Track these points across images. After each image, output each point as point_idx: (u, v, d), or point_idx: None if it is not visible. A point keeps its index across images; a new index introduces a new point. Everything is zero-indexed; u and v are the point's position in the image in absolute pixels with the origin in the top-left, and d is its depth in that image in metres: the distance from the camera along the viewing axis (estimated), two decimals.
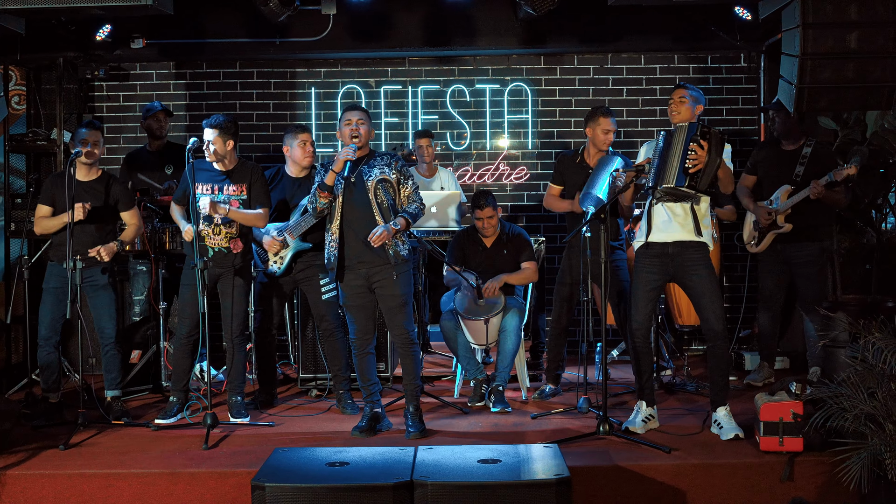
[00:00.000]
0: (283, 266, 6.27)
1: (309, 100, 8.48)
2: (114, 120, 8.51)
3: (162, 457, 5.20)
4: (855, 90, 5.21)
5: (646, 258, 5.52)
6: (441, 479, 4.23)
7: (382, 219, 5.54)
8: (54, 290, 6.03)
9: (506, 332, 6.33)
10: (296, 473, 4.33)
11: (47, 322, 6.08)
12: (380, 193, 5.57)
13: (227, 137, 5.91)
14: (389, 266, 5.54)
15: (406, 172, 5.70)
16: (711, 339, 5.44)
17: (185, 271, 6.08)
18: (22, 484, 4.90)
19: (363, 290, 5.62)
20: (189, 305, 6.00)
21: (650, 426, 5.58)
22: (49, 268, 6.13)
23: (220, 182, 5.96)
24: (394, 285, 5.55)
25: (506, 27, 8.18)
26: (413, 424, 5.62)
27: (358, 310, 5.66)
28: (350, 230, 5.57)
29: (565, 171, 6.54)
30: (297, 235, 6.24)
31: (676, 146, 5.24)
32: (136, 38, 8.03)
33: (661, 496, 4.89)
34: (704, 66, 8.48)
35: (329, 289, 6.31)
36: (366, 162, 5.65)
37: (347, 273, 5.60)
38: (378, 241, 5.45)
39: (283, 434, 5.70)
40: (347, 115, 5.66)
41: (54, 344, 6.11)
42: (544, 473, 4.28)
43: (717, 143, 5.23)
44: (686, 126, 5.28)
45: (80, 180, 6.03)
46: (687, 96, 5.48)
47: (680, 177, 5.19)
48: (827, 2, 5.07)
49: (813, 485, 4.91)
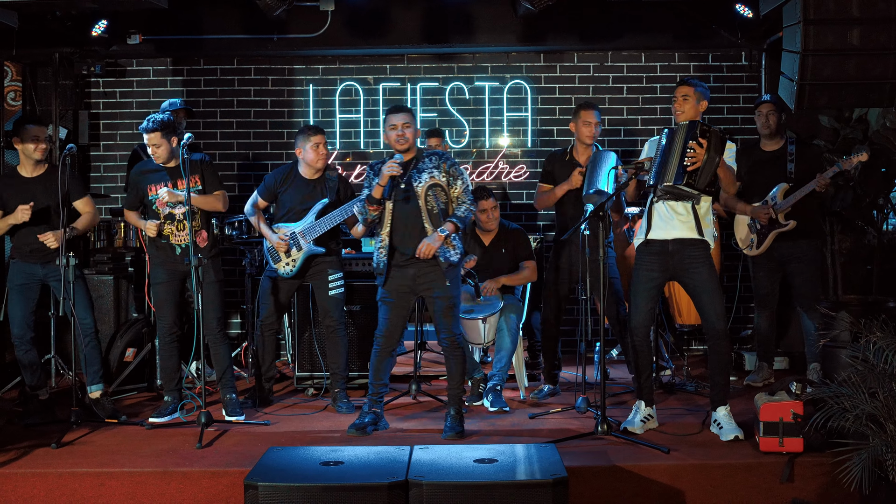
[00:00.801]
0: (296, 269, 6.20)
1: (307, 97, 8.42)
2: (110, 116, 8.45)
3: (154, 456, 5.14)
4: (856, 87, 5.15)
5: (646, 255, 5.46)
6: (436, 478, 4.17)
7: (431, 225, 5.43)
8: (20, 286, 5.99)
9: (503, 332, 6.28)
10: (289, 473, 4.27)
11: (19, 320, 6.02)
12: (430, 199, 5.46)
13: (169, 136, 5.82)
14: (439, 270, 5.45)
15: (455, 172, 5.55)
16: (712, 337, 5.39)
17: (155, 270, 6.01)
18: (12, 482, 4.84)
19: (405, 291, 5.53)
20: (164, 304, 5.96)
21: (649, 426, 5.53)
22: (12, 266, 6.08)
23: (174, 178, 5.88)
24: (442, 290, 5.47)
25: (505, 24, 8.14)
26: (452, 426, 5.50)
27: (393, 308, 5.54)
28: (399, 236, 5.48)
29: (554, 168, 6.47)
30: (311, 240, 6.17)
31: (677, 144, 5.18)
32: (132, 33, 7.98)
33: (659, 497, 4.82)
34: (705, 64, 8.42)
35: (337, 285, 6.24)
36: (414, 165, 5.51)
37: (394, 271, 5.51)
38: (427, 255, 5.37)
39: (277, 433, 5.64)
40: (392, 119, 5.51)
41: (29, 340, 6.04)
42: (541, 474, 4.22)
43: (716, 141, 5.17)
44: (687, 124, 5.22)
45: (27, 177, 5.98)
46: (690, 94, 5.41)
47: (679, 175, 5.13)
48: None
49: (813, 486, 4.85)
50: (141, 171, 5.98)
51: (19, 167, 6.04)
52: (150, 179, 5.90)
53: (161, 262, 5.94)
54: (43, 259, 5.96)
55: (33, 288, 6.01)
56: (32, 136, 5.91)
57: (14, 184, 5.98)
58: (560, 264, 6.34)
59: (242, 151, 8.39)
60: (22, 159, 6.00)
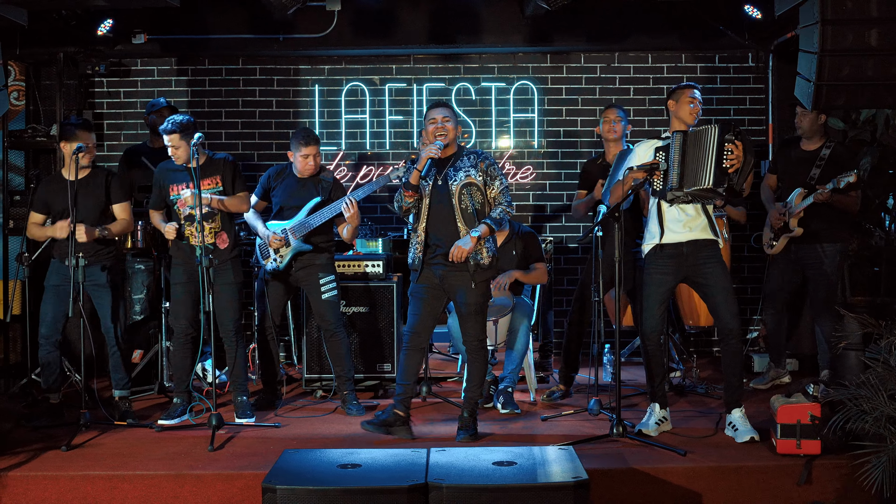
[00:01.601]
0: (283, 264, 6.19)
1: (312, 97, 8.37)
2: (114, 116, 8.40)
3: (167, 458, 5.09)
4: (875, 88, 5.12)
5: (660, 259, 5.42)
6: (456, 481, 4.13)
7: (465, 225, 5.35)
8: (55, 287, 5.93)
9: (515, 333, 6.24)
10: (307, 476, 4.22)
11: (49, 320, 5.97)
12: (464, 198, 5.37)
13: (189, 137, 5.79)
14: (467, 274, 5.36)
15: (493, 171, 5.45)
16: (726, 336, 5.36)
17: (174, 270, 6.00)
18: (24, 485, 4.79)
19: (436, 288, 5.46)
20: (181, 304, 5.93)
21: (663, 428, 5.50)
22: (52, 264, 6.03)
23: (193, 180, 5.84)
24: (469, 293, 5.38)
25: (512, 25, 8.11)
26: (466, 429, 5.44)
27: (424, 304, 5.46)
28: (433, 232, 5.42)
29: (589, 175, 6.49)
30: (299, 236, 6.14)
31: (707, 146, 5.14)
32: (137, 33, 7.93)
33: (676, 499, 4.80)
34: (712, 65, 8.40)
35: (329, 288, 6.21)
36: (452, 163, 5.45)
37: (426, 268, 5.45)
38: (459, 259, 5.30)
39: (289, 436, 5.59)
40: (432, 114, 5.47)
41: (55, 342, 5.99)
42: (562, 476, 4.18)
43: (748, 142, 5.17)
44: (719, 125, 5.19)
45: (70, 180, 5.92)
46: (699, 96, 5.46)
47: (718, 177, 5.10)
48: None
49: (831, 488, 4.83)
50: (165, 170, 5.94)
51: (63, 169, 5.98)
52: (173, 179, 5.87)
53: (180, 263, 5.92)
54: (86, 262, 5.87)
55: (68, 290, 5.90)
56: (79, 140, 5.84)
57: (58, 187, 5.91)
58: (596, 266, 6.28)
59: (248, 152, 8.34)
60: (66, 161, 5.94)
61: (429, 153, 5.34)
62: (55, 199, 5.93)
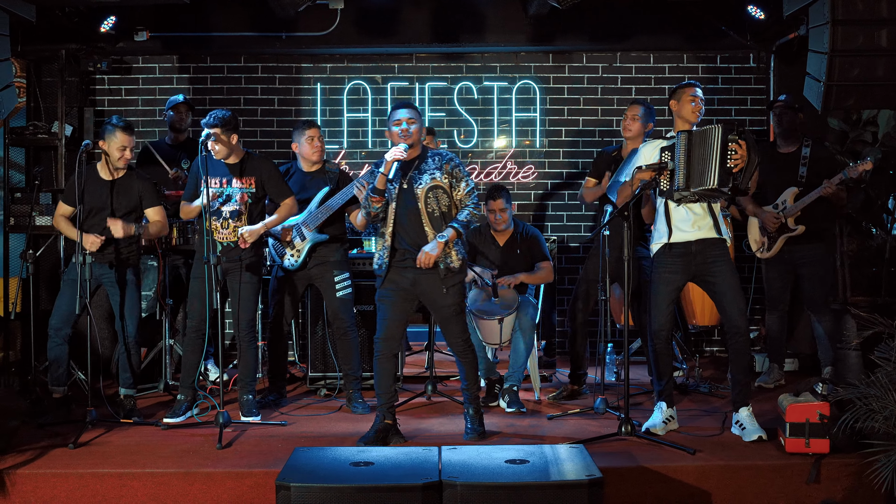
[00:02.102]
0: (300, 260, 6.17)
1: (314, 95, 8.37)
2: (115, 114, 8.33)
3: (175, 456, 5.07)
4: (884, 88, 5.14)
5: (668, 258, 5.43)
6: (470, 479, 4.12)
7: (432, 229, 5.24)
8: (72, 282, 5.91)
9: (520, 332, 6.24)
10: (320, 473, 4.22)
11: (61, 314, 5.98)
12: (430, 201, 5.27)
13: (229, 133, 5.81)
14: (437, 278, 5.28)
15: (459, 173, 5.34)
16: (734, 335, 5.37)
17: (196, 264, 5.98)
18: (33, 483, 4.76)
19: (405, 293, 5.35)
20: (197, 299, 5.91)
21: (670, 427, 5.51)
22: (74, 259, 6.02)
23: (229, 175, 5.86)
24: (443, 297, 5.30)
25: (515, 24, 8.14)
26: (474, 427, 5.42)
27: (393, 309, 5.34)
28: (400, 237, 5.32)
29: (600, 166, 6.45)
30: (313, 227, 6.14)
31: (711, 146, 5.15)
32: (140, 30, 7.93)
33: (686, 498, 4.81)
34: (713, 65, 8.43)
35: (344, 286, 6.20)
36: (417, 165, 5.33)
37: (393, 272, 5.35)
38: (427, 264, 5.20)
39: (297, 434, 5.57)
40: (396, 115, 5.34)
41: (65, 336, 6.00)
42: (575, 474, 4.18)
43: (752, 142, 5.19)
44: (722, 125, 5.20)
45: (105, 179, 5.93)
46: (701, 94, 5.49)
47: (723, 177, 5.11)
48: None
49: (840, 487, 4.83)
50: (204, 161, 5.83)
51: (99, 166, 5.97)
52: (209, 171, 5.78)
53: (202, 257, 5.88)
54: (102, 259, 5.90)
55: (86, 286, 5.90)
56: (119, 145, 5.84)
57: (91, 184, 5.89)
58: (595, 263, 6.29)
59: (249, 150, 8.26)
60: (103, 160, 5.93)
61: (395, 156, 5.21)
62: (89, 195, 5.88)
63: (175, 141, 7.36)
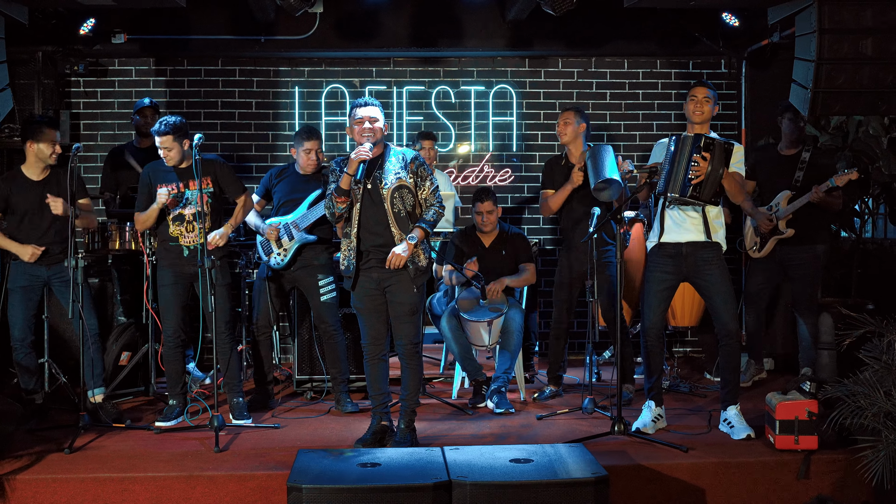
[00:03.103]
0: (287, 259, 6.18)
1: (292, 98, 8.37)
2: (91, 116, 8.30)
3: (174, 460, 5.07)
4: (869, 95, 5.32)
5: (659, 258, 5.56)
6: (479, 478, 4.20)
7: (399, 228, 5.21)
8: (22, 289, 5.90)
9: (508, 334, 6.32)
10: (330, 475, 4.26)
11: (20, 323, 5.94)
12: (396, 201, 5.23)
13: (181, 138, 5.79)
14: (406, 275, 5.25)
15: (423, 172, 5.31)
16: (725, 337, 5.50)
17: (161, 272, 5.95)
18: (33, 488, 4.73)
19: (375, 293, 5.31)
20: (170, 306, 5.89)
21: (659, 426, 5.63)
22: (13, 267, 5.96)
23: (184, 179, 5.84)
24: (405, 292, 5.26)
25: (493, 29, 8.21)
26: (403, 443, 5.28)
27: (369, 313, 5.35)
28: (367, 238, 5.28)
29: (553, 173, 6.50)
30: (302, 228, 6.16)
31: (682, 156, 5.32)
32: (117, 32, 7.84)
33: (680, 494, 4.93)
34: (686, 71, 8.59)
35: (328, 290, 6.23)
36: (380, 164, 5.28)
37: (361, 275, 5.31)
38: (397, 265, 5.17)
39: (291, 436, 5.59)
40: (359, 112, 5.26)
41: (30, 344, 5.97)
42: (581, 472, 4.28)
43: (720, 153, 5.30)
44: (692, 137, 5.36)
45: (34, 180, 5.90)
46: (712, 95, 5.58)
47: (684, 187, 5.28)
48: (843, 8, 5.16)
49: (828, 482, 4.99)
50: (153, 170, 5.89)
51: (24, 167, 5.91)
52: (162, 179, 5.82)
53: (168, 264, 5.86)
54: (49, 261, 5.86)
55: (36, 290, 5.90)
56: (49, 139, 5.80)
57: (20, 187, 5.87)
58: (571, 265, 6.39)
59: (227, 153, 8.28)
60: (30, 161, 5.88)
61: (359, 156, 5.14)
62: (20, 199, 5.87)
63: (141, 144, 7.32)
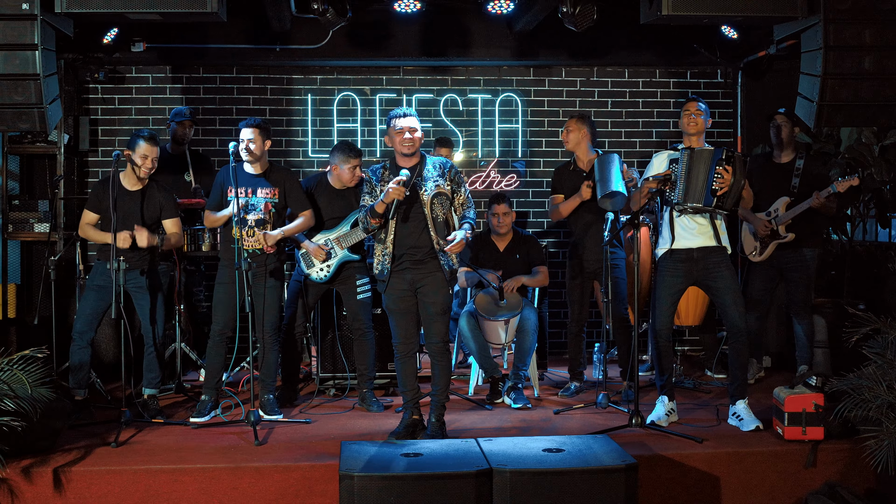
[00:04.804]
0: (329, 275, 6.44)
1: (305, 106, 8.63)
2: (108, 123, 8.51)
3: (220, 452, 5.33)
4: (869, 108, 5.68)
5: (671, 263, 5.88)
6: (518, 466, 4.49)
7: (437, 233, 5.47)
8: (98, 287, 6.13)
9: (524, 332, 6.62)
10: (378, 464, 4.53)
11: (86, 317, 6.18)
12: (436, 208, 5.48)
13: (265, 137, 6.09)
14: (441, 276, 5.51)
15: (459, 179, 5.62)
16: (734, 335, 5.83)
17: (221, 270, 6.22)
18: (88, 480, 4.98)
19: (408, 294, 5.55)
20: (221, 304, 6.14)
21: (671, 419, 5.94)
22: (95, 265, 6.28)
23: (254, 185, 6.11)
24: (438, 292, 5.52)
25: (500, 39, 8.50)
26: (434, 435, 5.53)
27: (402, 314, 5.60)
28: (402, 242, 5.51)
29: (562, 179, 6.83)
30: (345, 246, 6.41)
31: (702, 168, 5.65)
32: (136, 41, 8.05)
33: (697, 482, 5.26)
34: (684, 80, 8.93)
35: (364, 290, 6.50)
36: (419, 173, 5.53)
37: (394, 277, 5.55)
38: (457, 249, 5.41)
39: (324, 430, 5.86)
40: (400, 123, 5.48)
41: (88, 340, 6.21)
42: (612, 460, 4.58)
43: (740, 165, 5.66)
44: (712, 150, 5.70)
45: (128, 189, 6.14)
46: (703, 109, 5.89)
47: (707, 197, 5.62)
48: (845, 28, 5.53)
49: (834, 469, 5.34)
50: (227, 173, 6.10)
51: (123, 176, 6.15)
52: (231, 182, 5.99)
53: (227, 264, 6.12)
54: (133, 265, 6.10)
55: (110, 291, 6.07)
56: (142, 154, 6.04)
57: (120, 193, 6.06)
58: (582, 266, 6.70)
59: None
60: (127, 170, 6.13)
61: (395, 195, 5.34)
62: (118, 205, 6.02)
63: (174, 151, 7.55)
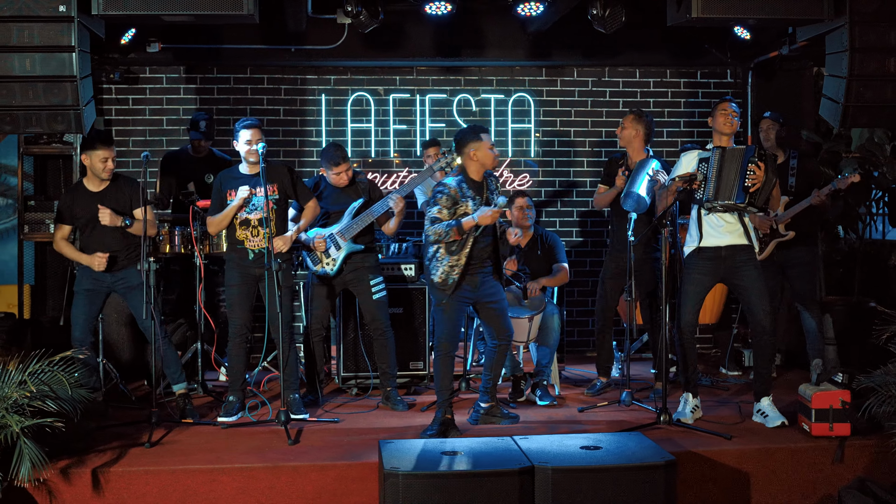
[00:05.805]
0: (335, 268, 6.47)
1: (319, 106, 8.65)
2: (122, 123, 8.52)
3: (255, 452, 5.36)
4: (893, 109, 5.76)
5: (699, 261, 5.94)
6: (559, 463, 4.55)
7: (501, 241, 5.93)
8: (87, 291, 6.15)
9: (548, 329, 6.69)
10: (421, 462, 4.57)
11: (81, 324, 6.16)
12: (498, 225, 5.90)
13: (263, 136, 6.12)
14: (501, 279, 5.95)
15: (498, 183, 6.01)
16: (759, 333, 5.91)
17: (229, 273, 6.23)
18: (126, 480, 5.00)
19: (469, 301, 5.85)
20: (236, 306, 6.17)
21: (696, 416, 6.01)
22: (80, 270, 6.22)
23: (253, 184, 6.10)
24: (500, 292, 5.91)
25: (514, 40, 8.55)
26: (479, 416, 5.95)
27: (456, 312, 5.80)
28: (476, 256, 5.77)
29: (611, 170, 6.92)
30: (349, 238, 6.45)
31: (734, 166, 5.71)
32: (152, 41, 8.06)
33: (728, 478, 5.33)
34: (694, 80, 9.00)
35: (379, 289, 6.54)
36: (487, 187, 5.86)
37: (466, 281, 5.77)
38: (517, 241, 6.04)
39: (354, 429, 5.90)
40: (487, 139, 5.78)
41: (90, 345, 6.20)
42: (651, 457, 4.64)
43: (772, 164, 5.74)
44: (744, 148, 5.76)
45: (93, 191, 6.15)
46: (737, 110, 5.96)
47: (740, 194, 5.68)
48: (871, 30, 5.61)
49: (861, 465, 5.41)
50: (225, 177, 6.17)
51: (85, 180, 6.17)
52: (231, 185, 6.08)
53: (235, 266, 6.14)
54: (114, 268, 6.11)
55: (100, 294, 6.14)
56: (101, 157, 6.07)
57: (81, 198, 6.13)
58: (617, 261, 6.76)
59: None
60: (89, 173, 6.14)
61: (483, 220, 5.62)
62: (81, 209, 6.13)
63: (196, 153, 7.57)
